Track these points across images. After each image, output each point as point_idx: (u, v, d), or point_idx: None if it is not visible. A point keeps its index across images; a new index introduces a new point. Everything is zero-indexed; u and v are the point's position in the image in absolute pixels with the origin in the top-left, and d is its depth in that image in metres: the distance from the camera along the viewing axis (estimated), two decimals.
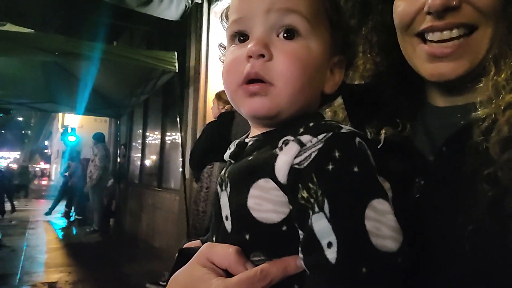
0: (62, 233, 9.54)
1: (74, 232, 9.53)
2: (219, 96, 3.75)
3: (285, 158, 0.54)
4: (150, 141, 9.13)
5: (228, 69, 0.64)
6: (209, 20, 5.56)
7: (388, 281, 0.46)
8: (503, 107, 0.57)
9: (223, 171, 0.66)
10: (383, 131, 0.71)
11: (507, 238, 0.51)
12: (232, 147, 0.67)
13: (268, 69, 0.59)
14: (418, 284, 0.55)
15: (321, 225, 0.48)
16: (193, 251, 0.61)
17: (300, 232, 0.52)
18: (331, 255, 0.46)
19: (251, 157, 0.60)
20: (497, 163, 0.54)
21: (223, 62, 0.68)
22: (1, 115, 9.52)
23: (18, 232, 9.10)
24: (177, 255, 0.67)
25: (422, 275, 0.57)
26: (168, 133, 7.88)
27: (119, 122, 10.13)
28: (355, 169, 0.50)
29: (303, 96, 0.61)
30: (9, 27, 4.76)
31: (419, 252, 0.57)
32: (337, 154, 0.51)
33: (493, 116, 0.58)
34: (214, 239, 0.63)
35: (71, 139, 12.14)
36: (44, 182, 35.43)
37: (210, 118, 4.52)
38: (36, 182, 32.79)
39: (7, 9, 6.16)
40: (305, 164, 0.52)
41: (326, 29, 0.65)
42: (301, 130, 0.57)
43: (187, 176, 5.12)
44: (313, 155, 0.52)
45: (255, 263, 0.55)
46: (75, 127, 13.14)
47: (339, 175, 0.50)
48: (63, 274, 5.54)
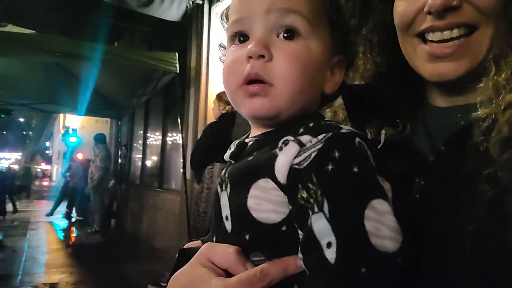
0: (63, 234, 9.55)
1: (75, 232, 9.54)
2: (220, 97, 3.75)
3: (285, 158, 0.54)
4: (151, 142, 9.13)
5: (228, 70, 0.64)
6: (210, 21, 5.57)
7: (387, 281, 0.45)
8: (503, 107, 0.57)
9: (223, 171, 0.66)
10: (383, 132, 0.71)
11: (507, 238, 0.51)
12: (232, 147, 0.67)
13: (268, 70, 0.59)
14: (418, 284, 0.55)
15: (320, 225, 0.48)
16: (194, 251, 0.61)
17: (299, 232, 0.52)
18: (331, 255, 0.46)
19: (251, 157, 0.60)
20: (497, 163, 0.54)
21: (223, 62, 0.68)
22: (3, 116, 9.55)
23: (19, 233, 9.11)
24: (177, 255, 0.67)
25: (422, 275, 0.57)
26: (169, 134, 7.88)
27: (120, 123, 10.14)
28: (355, 169, 0.50)
29: (303, 96, 0.61)
30: (11, 28, 4.76)
31: (419, 252, 0.57)
32: (336, 154, 0.51)
33: (493, 116, 0.58)
34: (214, 239, 0.63)
35: (72, 140, 12.16)
36: (45, 183, 35.48)
37: (211, 118, 4.53)
38: (37, 183, 32.79)
39: (9, 10, 6.17)
40: (305, 164, 0.52)
41: (326, 29, 0.65)
42: (301, 130, 0.57)
43: (188, 176, 5.13)
44: (313, 155, 0.52)
45: (255, 263, 0.55)
46: (76, 128, 13.16)
47: (338, 175, 0.50)
48: (64, 274, 5.55)
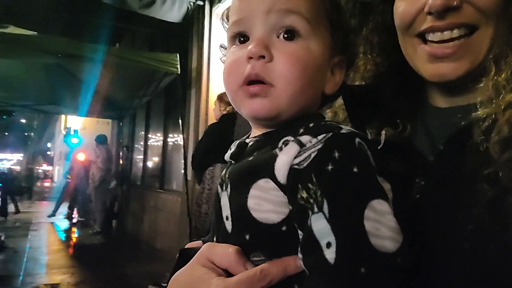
0: (64, 234, 9.56)
1: (76, 233, 9.55)
2: (221, 97, 3.75)
3: (285, 158, 0.54)
4: (152, 143, 9.14)
5: (228, 70, 0.64)
6: (211, 22, 5.57)
7: (387, 281, 0.45)
8: (503, 107, 0.57)
9: (224, 172, 0.66)
10: (384, 132, 0.71)
11: (507, 238, 0.51)
12: (232, 147, 0.67)
13: (268, 70, 0.59)
14: (418, 284, 0.55)
15: (320, 225, 0.48)
16: (194, 251, 0.61)
17: (299, 232, 0.52)
18: (330, 255, 0.46)
19: (251, 158, 0.60)
20: (497, 163, 0.54)
21: (224, 63, 0.68)
22: (4, 117, 9.56)
23: (20, 233, 9.12)
24: (178, 255, 0.67)
25: (422, 275, 0.57)
26: (170, 135, 7.88)
27: (121, 124, 10.15)
28: (355, 170, 0.50)
29: (303, 97, 0.61)
30: (12, 29, 4.76)
31: (419, 252, 0.57)
32: (336, 154, 0.51)
33: (494, 116, 0.58)
34: (214, 239, 0.63)
35: (74, 141, 12.17)
36: (47, 184, 35.48)
37: (212, 119, 4.52)
38: (39, 184, 32.81)
39: (10, 11, 6.19)
40: (305, 164, 0.52)
41: (326, 30, 0.65)
42: (301, 130, 0.57)
43: (189, 177, 5.13)
44: (313, 155, 0.52)
45: (255, 263, 0.55)
46: (77, 129, 13.19)
47: (338, 176, 0.50)
48: (65, 275, 5.55)
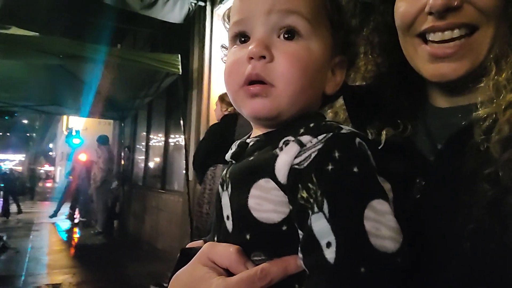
0: (66, 235, 9.57)
1: (78, 234, 9.56)
2: (222, 98, 3.75)
3: (285, 158, 0.54)
4: (153, 143, 9.15)
5: (229, 71, 0.65)
6: (212, 22, 5.58)
7: (387, 281, 0.45)
8: (504, 107, 0.57)
9: (225, 171, 0.66)
10: (384, 132, 0.71)
11: (507, 238, 0.51)
12: (233, 147, 0.67)
13: (269, 71, 0.59)
14: (418, 284, 0.55)
15: (320, 225, 0.48)
16: (195, 251, 0.61)
17: (299, 232, 0.52)
18: (330, 255, 0.46)
19: (252, 158, 0.60)
20: (498, 163, 0.54)
21: (225, 63, 0.68)
22: (6, 117, 9.58)
23: (22, 234, 9.14)
24: (179, 254, 0.67)
25: (422, 275, 0.57)
26: (171, 135, 7.89)
27: (123, 124, 10.17)
28: (355, 170, 0.50)
29: (304, 97, 0.61)
30: (14, 31, 4.76)
31: (419, 252, 0.57)
32: (336, 154, 0.51)
33: (494, 115, 0.57)
34: (215, 238, 0.64)
35: (76, 141, 12.18)
36: (48, 184, 35.53)
37: (213, 120, 4.52)
38: (41, 184, 32.87)
39: (12, 12, 6.20)
40: (305, 164, 0.52)
41: (327, 30, 0.65)
42: (302, 130, 0.57)
43: (191, 178, 5.13)
44: (313, 155, 0.52)
45: (256, 262, 0.55)
46: (79, 129, 13.19)
47: (338, 176, 0.50)
48: (67, 275, 5.56)
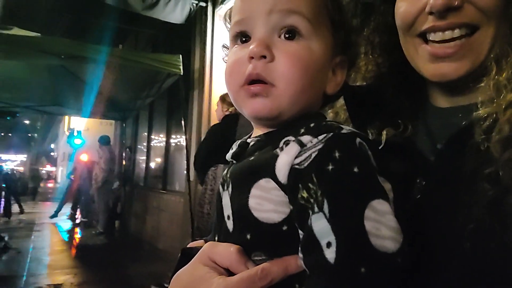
0: (67, 235, 9.58)
1: (79, 234, 9.57)
2: (223, 98, 3.75)
3: (286, 158, 0.54)
4: (155, 144, 9.16)
5: (230, 70, 0.65)
6: (214, 23, 5.58)
7: (387, 281, 0.45)
8: (504, 106, 0.57)
9: (225, 171, 0.66)
10: (385, 132, 0.71)
11: (507, 238, 0.51)
12: (234, 147, 0.67)
13: (269, 70, 0.59)
14: (418, 284, 0.55)
15: (320, 225, 0.48)
16: (196, 250, 0.61)
17: (300, 232, 0.52)
18: (330, 255, 0.46)
19: (252, 157, 0.60)
20: (498, 162, 0.54)
21: (226, 62, 0.68)
22: (8, 118, 9.59)
23: (24, 234, 9.15)
24: (179, 254, 0.67)
25: (422, 275, 0.57)
26: (173, 136, 7.90)
27: (124, 124, 10.18)
28: (355, 170, 0.50)
29: (305, 96, 0.61)
30: (16, 31, 4.78)
31: (419, 252, 0.57)
32: (337, 154, 0.51)
33: (494, 115, 0.57)
34: (216, 238, 0.64)
35: (77, 141, 12.21)
36: (50, 184, 35.56)
37: (214, 120, 4.53)
38: (42, 184, 32.88)
39: (14, 13, 6.22)
40: (305, 164, 0.52)
41: (327, 30, 0.65)
42: (302, 130, 0.57)
43: (192, 178, 5.13)
44: (313, 155, 0.52)
45: (256, 262, 0.55)
46: (81, 130, 13.21)
47: (339, 176, 0.50)
48: (68, 276, 5.57)
